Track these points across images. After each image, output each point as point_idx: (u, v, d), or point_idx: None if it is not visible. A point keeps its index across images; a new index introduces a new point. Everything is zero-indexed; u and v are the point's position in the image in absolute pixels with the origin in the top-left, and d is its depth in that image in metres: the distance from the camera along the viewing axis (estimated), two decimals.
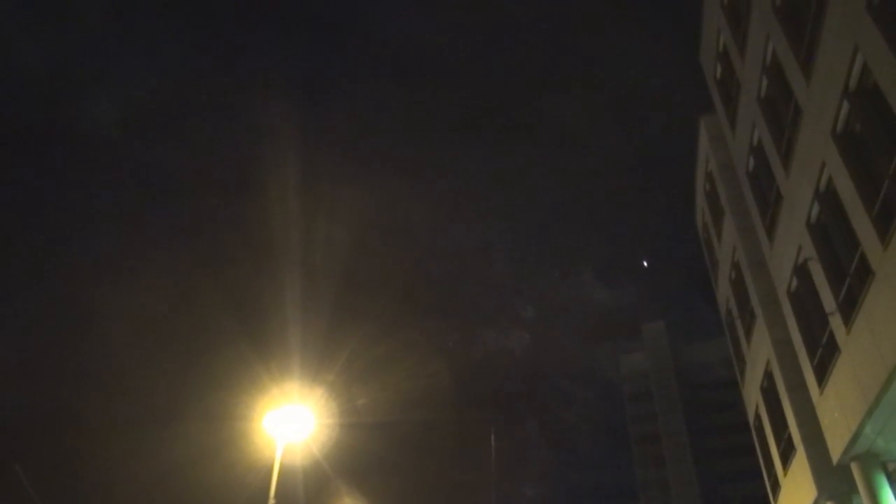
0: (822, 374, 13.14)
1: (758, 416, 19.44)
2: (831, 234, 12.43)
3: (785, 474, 16.53)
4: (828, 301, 12.44)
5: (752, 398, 19.88)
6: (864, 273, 10.70)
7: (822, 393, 13.19)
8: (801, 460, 14.77)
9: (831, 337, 12.49)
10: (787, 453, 16.17)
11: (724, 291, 22.45)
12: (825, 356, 12.94)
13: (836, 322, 12.05)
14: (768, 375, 17.41)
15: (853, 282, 11.30)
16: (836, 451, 12.66)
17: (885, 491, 12.00)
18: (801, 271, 13.93)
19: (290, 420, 25.63)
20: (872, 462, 12.27)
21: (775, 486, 18.27)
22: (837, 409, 12.47)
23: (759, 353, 18.04)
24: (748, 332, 19.23)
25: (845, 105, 10.98)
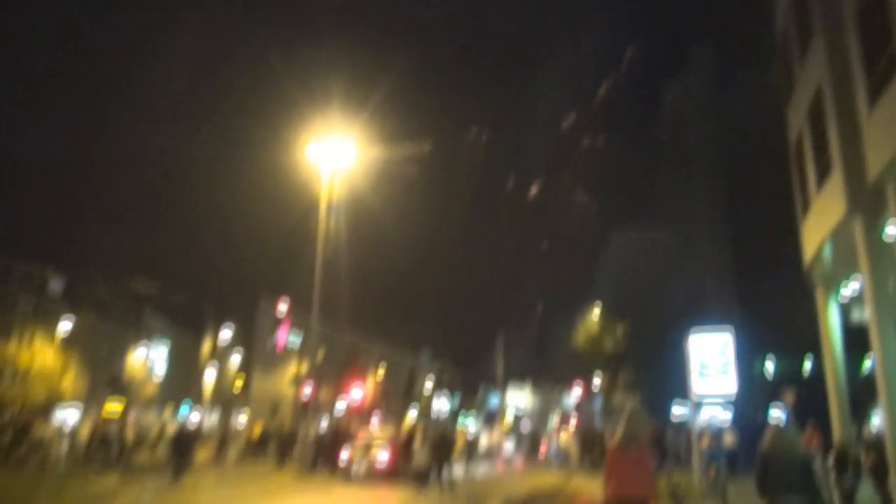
0: (875, 93, 12.79)
1: (799, 141, 19.34)
2: None
3: (818, 193, 16.93)
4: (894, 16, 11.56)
5: (797, 123, 19.59)
6: None
7: (871, 112, 12.99)
8: (836, 179, 15.02)
9: (892, 56, 11.86)
10: (823, 173, 16.39)
11: (782, 8, 20.89)
12: (882, 75, 12.47)
13: None
14: (817, 97, 16.92)
15: None
16: (874, 169, 12.82)
17: None
18: None
19: (334, 150, 26.54)
20: None
21: (806, 205, 18.82)
22: (884, 129, 12.42)
23: (812, 75, 17.36)
24: (803, 52, 18.26)
25: None
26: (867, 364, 27.22)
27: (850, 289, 18.36)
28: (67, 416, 39.38)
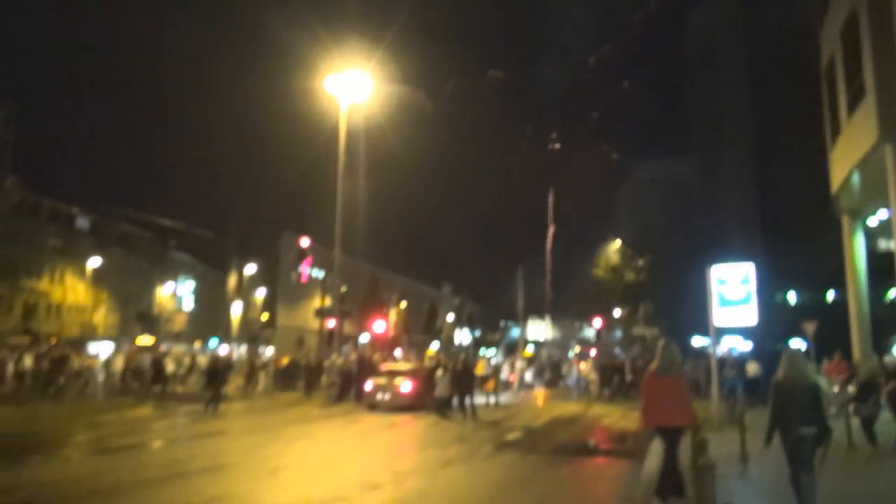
0: None
1: (831, 66, 18.72)
2: None
3: (848, 120, 16.49)
4: None
5: (829, 47, 18.92)
6: None
7: None
8: (868, 105, 14.61)
9: None
10: (855, 98, 15.93)
11: None
12: None
13: None
14: (852, 21, 16.28)
15: None
16: None
17: None
18: None
19: (352, 83, 26.20)
20: None
21: (835, 132, 18.37)
22: None
23: None
24: None
25: None
26: (891, 293, 27.00)
27: (876, 218, 18.10)
28: (101, 350, 40.72)
